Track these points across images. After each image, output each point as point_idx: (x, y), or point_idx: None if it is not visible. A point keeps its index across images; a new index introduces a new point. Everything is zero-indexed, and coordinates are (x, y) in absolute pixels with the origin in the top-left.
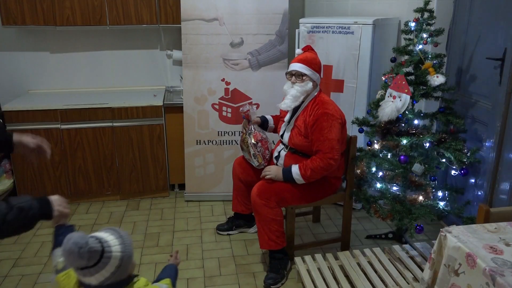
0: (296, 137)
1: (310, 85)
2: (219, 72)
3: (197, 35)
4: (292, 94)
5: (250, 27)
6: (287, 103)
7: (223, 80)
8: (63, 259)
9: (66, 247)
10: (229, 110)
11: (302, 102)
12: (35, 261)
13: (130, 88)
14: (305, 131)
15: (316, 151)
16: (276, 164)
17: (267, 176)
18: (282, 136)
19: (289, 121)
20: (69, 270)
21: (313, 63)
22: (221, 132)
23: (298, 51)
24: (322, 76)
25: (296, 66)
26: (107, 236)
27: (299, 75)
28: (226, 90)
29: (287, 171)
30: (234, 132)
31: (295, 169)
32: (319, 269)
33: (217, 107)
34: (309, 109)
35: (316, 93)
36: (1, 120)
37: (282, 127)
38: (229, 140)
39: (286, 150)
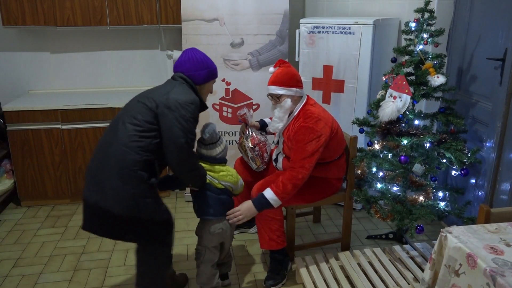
0: (286, 149)
1: (289, 102)
2: (219, 72)
3: (197, 36)
4: (276, 116)
5: (250, 27)
6: (275, 126)
7: (223, 80)
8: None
9: (207, 125)
10: (230, 110)
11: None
12: (36, 261)
13: (131, 88)
14: (290, 144)
15: (290, 162)
16: (276, 167)
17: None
18: (278, 143)
19: (279, 134)
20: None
21: (285, 79)
22: (222, 132)
23: (270, 69)
24: (323, 75)
25: (269, 89)
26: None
27: (276, 97)
28: (227, 90)
29: (258, 199)
30: (235, 132)
31: (268, 192)
32: (319, 270)
33: (217, 107)
34: (291, 125)
35: (301, 106)
36: (1, 120)
37: (276, 136)
38: (229, 140)
39: (284, 155)
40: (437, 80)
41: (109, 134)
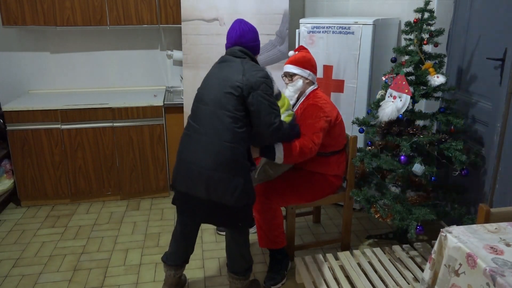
0: None
1: (300, 82)
2: None
3: (197, 35)
4: (286, 95)
5: None
6: None
7: None
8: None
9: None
10: None
11: (298, 99)
12: (36, 261)
13: (130, 88)
14: (299, 124)
15: (302, 134)
16: None
17: None
18: None
19: None
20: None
21: (302, 61)
22: None
23: (290, 53)
24: (323, 75)
25: (285, 68)
26: None
27: (290, 75)
28: None
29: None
30: None
31: (276, 145)
32: (319, 270)
33: None
34: (302, 104)
35: (311, 91)
36: (1, 120)
37: None
38: None
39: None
40: (437, 80)
41: (206, 130)
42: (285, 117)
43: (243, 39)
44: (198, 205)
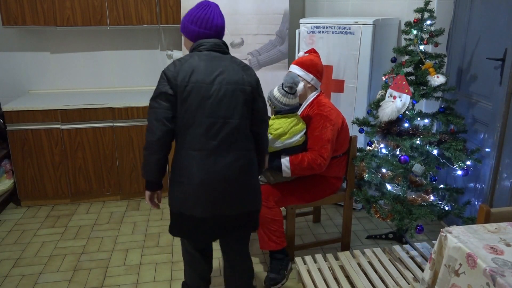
0: None
1: (301, 85)
2: None
3: None
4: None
5: (250, 27)
6: None
7: None
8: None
9: (289, 75)
10: None
11: (300, 105)
12: (36, 261)
13: (130, 88)
14: None
15: (308, 149)
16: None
17: None
18: None
19: None
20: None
21: (308, 65)
22: None
23: (300, 54)
24: (326, 77)
25: (291, 68)
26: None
27: None
28: None
29: (274, 158)
30: None
31: (284, 158)
32: (319, 270)
33: None
34: (305, 112)
35: (314, 96)
36: (1, 120)
37: None
38: None
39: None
40: (437, 80)
41: (234, 145)
42: (299, 138)
43: (220, 20)
44: (220, 223)
